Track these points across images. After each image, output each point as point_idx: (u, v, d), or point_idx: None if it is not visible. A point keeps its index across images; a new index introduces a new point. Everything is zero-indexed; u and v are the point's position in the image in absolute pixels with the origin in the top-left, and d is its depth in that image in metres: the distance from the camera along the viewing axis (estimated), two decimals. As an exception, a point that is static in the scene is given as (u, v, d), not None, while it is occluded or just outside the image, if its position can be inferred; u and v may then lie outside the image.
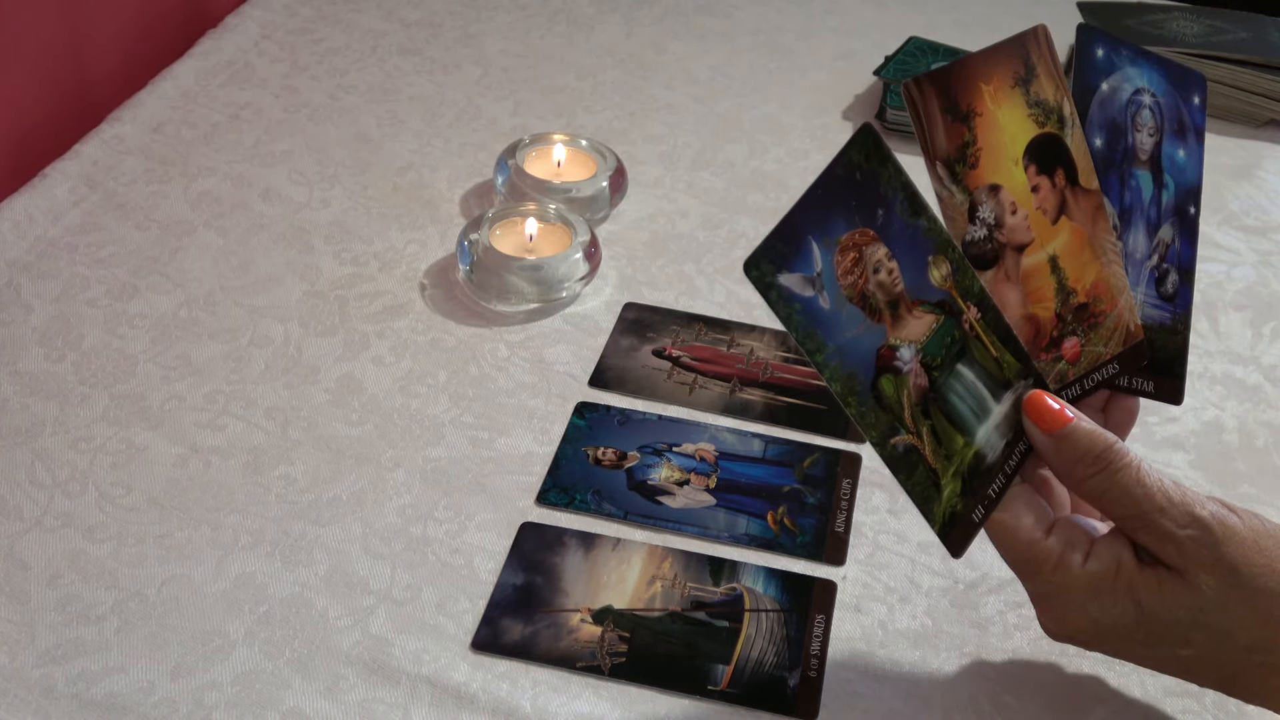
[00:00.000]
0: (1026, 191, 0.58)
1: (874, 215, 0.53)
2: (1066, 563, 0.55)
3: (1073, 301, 0.60)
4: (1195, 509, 0.54)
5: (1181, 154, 0.63)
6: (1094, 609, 0.55)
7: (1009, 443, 0.57)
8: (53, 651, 0.60)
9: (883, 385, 0.54)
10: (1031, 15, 1.18)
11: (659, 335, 0.80)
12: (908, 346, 0.54)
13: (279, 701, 0.58)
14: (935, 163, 0.56)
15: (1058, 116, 0.59)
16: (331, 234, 0.86)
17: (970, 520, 0.56)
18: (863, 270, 0.53)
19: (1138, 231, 0.62)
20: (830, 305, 0.52)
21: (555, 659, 0.61)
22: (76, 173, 0.88)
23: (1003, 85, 0.57)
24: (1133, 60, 0.62)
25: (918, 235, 0.54)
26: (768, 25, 1.15)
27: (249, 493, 0.68)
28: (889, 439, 0.54)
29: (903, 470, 0.55)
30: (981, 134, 0.57)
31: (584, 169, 0.90)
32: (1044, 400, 0.57)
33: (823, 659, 0.62)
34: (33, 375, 0.74)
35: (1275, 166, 1.00)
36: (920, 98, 0.55)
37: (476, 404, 0.74)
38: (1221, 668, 0.55)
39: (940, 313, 0.55)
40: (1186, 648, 0.55)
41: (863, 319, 0.53)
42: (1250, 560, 0.53)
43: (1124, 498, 0.55)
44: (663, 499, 0.69)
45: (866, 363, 0.53)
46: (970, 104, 0.56)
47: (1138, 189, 0.62)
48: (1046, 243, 0.59)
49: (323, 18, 1.10)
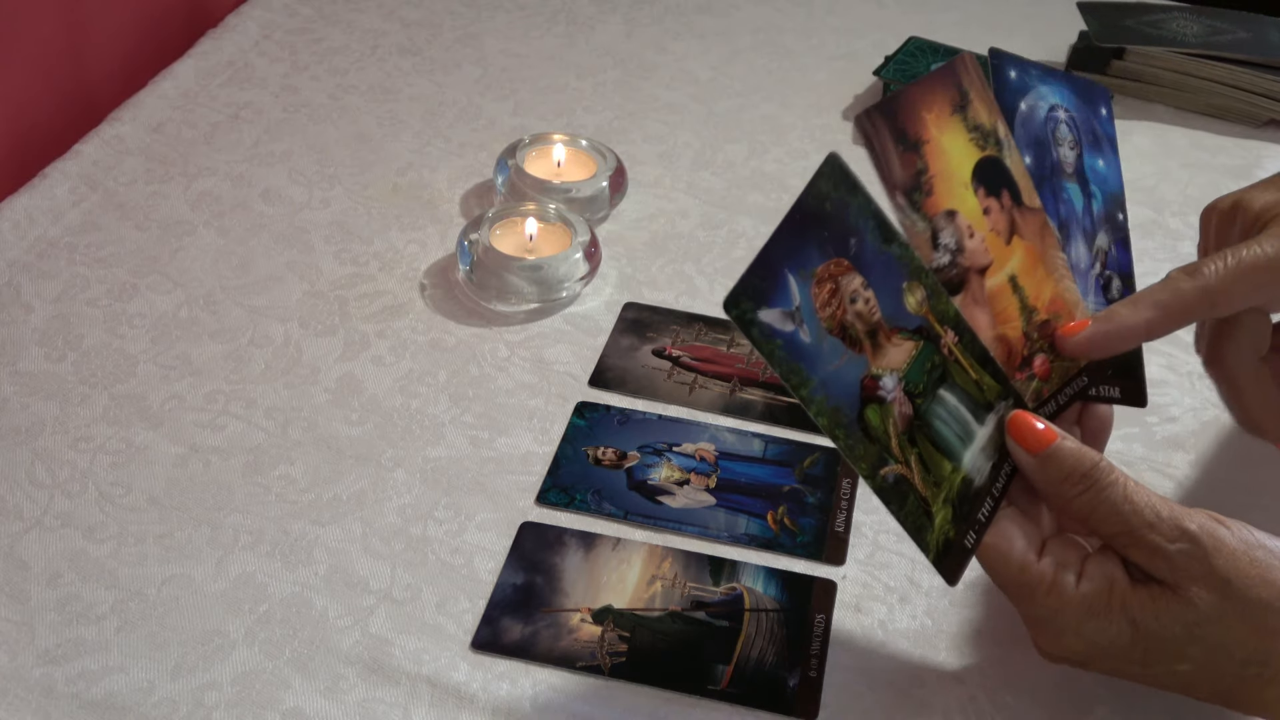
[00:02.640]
0: (979, 214, 0.58)
1: (847, 245, 0.52)
2: (1060, 585, 0.55)
3: (1036, 319, 0.59)
4: (1184, 523, 0.54)
5: (1101, 164, 0.64)
6: (1089, 630, 0.55)
7: (995, 465, 0.57)
8: (53, 651, 0.60)
9: (869, 416, 0.53)
10: (1031, 15, 1.18)
11: (659, 335, 0.80)
12: (890, 375, 0.54)
13: (279, 701, 0.58)
14: (895, 192, 0.56)
15: (995, 139, 0.59)
16: (331, 234, 0.86)
17: (963, 546, 0.56)
18: (840, 301, 0.52)
19: (1077, 242, 0.62)
20: (811, 338, 0.52)
21: (555, 659, 0.61)
22: (76, 173, 0.88)
23: (943, 113, 0.57)
24: (1042, 79, 0.63)
25: (890, 262, 0.54)
26: (768, 25, 1.15)
27: (249, 493, 0.68)
28: (878, 470, 0.54)
29: (894, 501, 0.54)
30: (932, 160, 0.57)
31: (584, 169, 0.90)
32: (1027, 420, 0.57)
33: (823, 659, 0.62)
34: (33, 375, 0.74)
35: (1275, 166, 1.00)
36: (873, 130, 0.55)
37: (476, 404, 0.74)
38: (1218, 682, 0.55)
39: (919, 339, 0.55)
40: (1183, 663, 0.55)
41: (844, 350, 0.53)
42: (1242, 572, 0.53)
43: (1112, 515, 0.54)
44: (663, 499, 0.69)
45: (851, 394, 0.53)
46: (917, 132, 0.56)
47: (1070, 201, 0.62)
48: (1004, 263, 0.59)
49: (323, 18, 1.10)
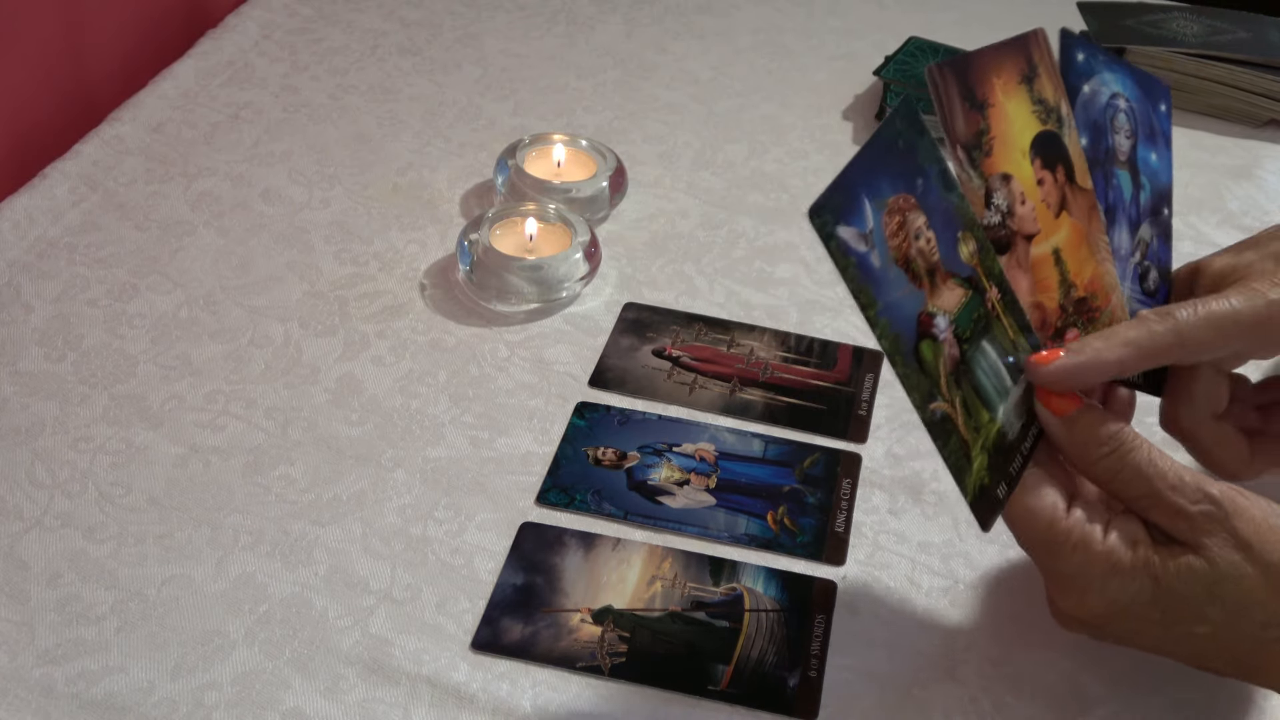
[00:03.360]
0: (1033, 184, 0.59)
1: (914, 183, 0.54)
2: (1088, 540, 0.55)
3: (1073, 295, 0.60)
4: (1207, 487, 0.55)
5: (1154, 158, 0.65)
6: (1112, 588, 0.55)
7: (1024, 425, 0.58)
8: (53, 651, 0.60)
9: (923, 350, 0.55)
10: (1031, 15, 1.18)
11: (659, 335, 0.80)
12: (943, 315, 0.56)
13: (279, 701, 0.58)
14: (956, 146, 0.57)
15: (1057, 116, 0.60)
16: (331, 234, 0.86)
17: (995, 496, 0.57)
18: (906, 235, 0.54)
19: (1121, 229, 0.63)
20: (880, 263, 0.54)
21: (555, 659, 0.61)
22: (76, 173, 0.88)
23: (1011, 80, 0.59)
24: (1108, 66, 0.64)
25: (950, 209, 0.56)
26: (768, 25, 1.15)
27: (249, 493, 0.68)
28: (928, 404, 0.55)
29: (940, 437, 0.56)
30: (995, 124, 0.58)
31: (584, 169, 0.90)
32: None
33: (823, 659, 0.62)
34: (33, 375, 0.74)
35: (1275, 166, 1.00)
36: (942, 82, 0.57)
37: (476, 404, 0.74)
38: (1237, 645, 0.55)
39: (969, 288, 0.56)
40: (1202, 624, 0.55)
41: (906, 282, 0.54)
42: (1263, 537, 0.54)
43: (1136, 478, 0.55)
44: (663, 499, 0.69)
45: (909, 325, 0.55)
46: (984, 94, 0.58)
47: (1119, 188, 0.63)
48: (1050, 235, 0.60)
49: (323, 18, 1.10)
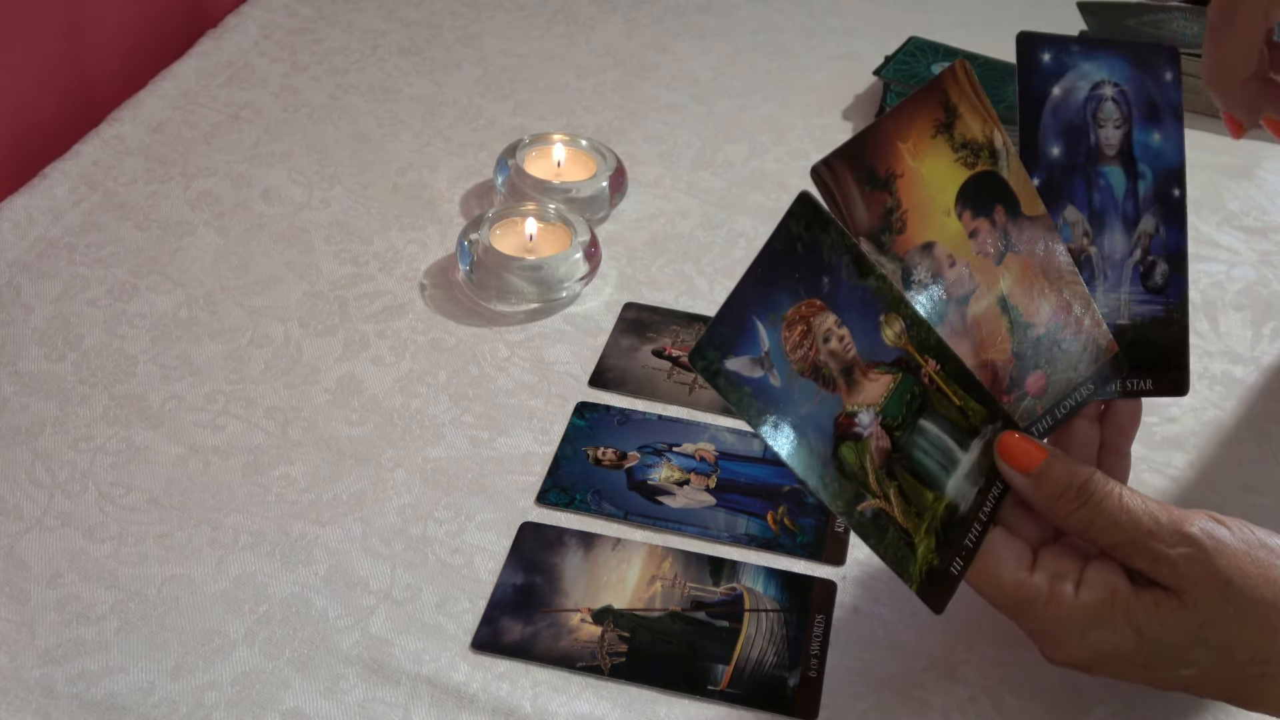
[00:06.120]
0: (963, 240, 0.57)
1: (819, 284, 0.52)
2: (1059, 596, 0.55)
3: (1032, 334, 0.58)
4: (1184, 527, 0.54)
5: (1156, 138, 0.61)
6: (1094, 638, 0.55)
7: (981, 490, 0.57)
8: (53, 651, 0.60)
9: (844, 453, 0.53)
10: (1031, 15, 1.18)
11: (659, 335, 0.80)
12: (866, 411, 0.54)
13: (279, 701, 0.58)
14: (860, 239, 0.55)
15: (989, 151, 0.57)
16: (331, 234, 0.86)
17: (949, 574, 0.56)
18: (813, 341, 0.52)
19: (1113, 231, 0.61)
20: (782, 382, 0.52)
21: (555, 659, 0.61)
22: (76, 173, 0.88)
23: (922, 138, 0.55)
24: (1086, 55, 0.60)
25: (868, 296, 0.53)
26: (768, 25, 1.15)
27: (249, 493, 0.68)
28: (855, 506, 0.54)
29: (872, 535, 0.54)
30: (905, 195, 0.55)
31: (584, 169, 0.90)
32: (1015, 440, 0.56)
33: (823, 659, 0.62)
34: (33, 375, 0.74)
35: (1275, 166, 1.00)
36: (832, 178, 0.54)
37: (476, 404, 0.74)
38: (1223, 683, 0.55)
39: (897, 371, 0.54)
40: (1188, 667, 0.55)
41: (817, 390, 0.53)
42: (1244, 571, 0.53)
43: (1111, 527, 0.55)
44: (663, 499, 0.69)
45: (825, 433, 0.53)
46: (889, 167, 0.55)
47: (1108, 188, 0.60)
48: (993, 285, 0.58)
49: (323, 18, 1.10)
